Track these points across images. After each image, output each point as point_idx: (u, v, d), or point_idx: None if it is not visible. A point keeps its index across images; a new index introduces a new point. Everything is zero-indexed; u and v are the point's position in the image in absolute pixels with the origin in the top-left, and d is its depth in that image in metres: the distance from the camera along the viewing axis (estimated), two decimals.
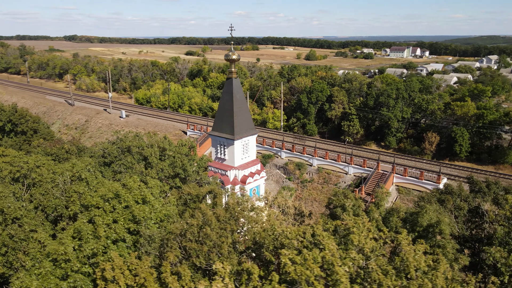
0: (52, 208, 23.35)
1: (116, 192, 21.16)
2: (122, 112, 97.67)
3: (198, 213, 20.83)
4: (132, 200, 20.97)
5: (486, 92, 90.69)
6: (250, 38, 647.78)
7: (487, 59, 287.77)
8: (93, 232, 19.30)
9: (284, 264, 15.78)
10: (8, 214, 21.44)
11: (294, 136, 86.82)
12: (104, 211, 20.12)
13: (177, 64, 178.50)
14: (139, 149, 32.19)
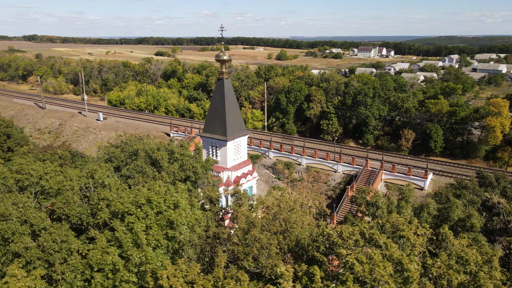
0: (76, 217, 22.17)
1: (148, 198, 20.49)
2: (100, 114, 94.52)
3: (241, 216, 20.60)
4: (164, 205, 20.39)
5: (457, 90, 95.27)
6: (220, 38, 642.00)
7: (449, 58, 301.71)
8: (133, 240, 18.57)
9: (352, 264, 15.94)
10: (35, 225, 20.17)
11: (282, 136, 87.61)
12: (137, 217, 19.42)
13: (150, 65, 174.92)
14: (148, 153, 31.31)
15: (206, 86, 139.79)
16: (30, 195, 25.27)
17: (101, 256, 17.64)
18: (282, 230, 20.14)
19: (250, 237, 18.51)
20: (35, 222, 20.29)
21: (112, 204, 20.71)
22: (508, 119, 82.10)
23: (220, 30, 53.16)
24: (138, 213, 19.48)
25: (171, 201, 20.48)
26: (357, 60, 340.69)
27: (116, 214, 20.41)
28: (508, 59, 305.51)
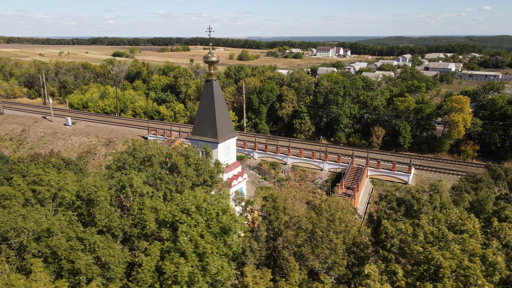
0: (119, 229, 20.83)
1: (198, 205, 19.77)
2: (68, 119, 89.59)
3: (303, 218, 20.50)
4: (214, 212, 19.79)
5: (422, 88, 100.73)
6: (178, 39, 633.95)
7: (402, 58, 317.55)
8: (194, 249, 17.79)
9: (437, 260, 16.39)
10: (86, 239, 18.68)
11: (267, 137, 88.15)
12: (188, 226, 18.69)
13: (112, 67, 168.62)
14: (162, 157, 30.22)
15: (174, 87, 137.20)
16: (50, 207, 23.61)
17: (176, 268, 16.81)
18: (342, 229, 20.49)
19: (318, 238, 18.63)
20: (85, 237, 18.94)
21: (160, 213, 19.82)
22: (470, 115, 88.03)
23: (208, 31, 52.60)
24: (189, 221, 18.82)
25: (219, 207, 20.03)
26: (317, 60, 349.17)
27: (164, 224, 19.58)
28: (455, 58, 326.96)
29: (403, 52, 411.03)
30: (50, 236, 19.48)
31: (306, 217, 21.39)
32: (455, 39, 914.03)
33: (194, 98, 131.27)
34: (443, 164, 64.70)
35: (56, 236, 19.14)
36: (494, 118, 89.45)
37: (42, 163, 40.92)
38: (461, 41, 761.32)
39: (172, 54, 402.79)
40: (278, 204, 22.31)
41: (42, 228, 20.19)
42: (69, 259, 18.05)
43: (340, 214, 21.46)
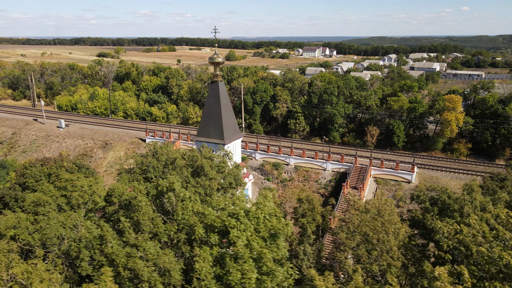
0: (165, 234, 20.25)
1: (246, 209, 19.45)
2: (61, 121, 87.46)
3: (355, 220, 20.45)
4: (262, 216, 19.50)
5: (414, 88, 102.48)
6: (163, 39, 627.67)
7: (388, 57, 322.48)
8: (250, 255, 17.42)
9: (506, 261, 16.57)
10: (140, 246, 18.05)
11: (269, 138, 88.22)
12: (238, 230, 18.36)
13: (101, 67, 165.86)
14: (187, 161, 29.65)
15: (166, 88, 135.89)
16: (82, 213, 22.95)
17: (242, 275, 16.43)
18: (392, 231, 20.62)
19: (375, 240, 18.64)
20: (138, 243, 18.37)
21: (208, 218, 19.41)
22: (462, 113, 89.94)
23: (214, 31, 52.24)
24: (239, 226, 18.51)
25: (267, 210, 19.78)
26: (304, 60, 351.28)
27: (212, 229, 19.19)
28: (438, 57, 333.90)
29: (388, 52, 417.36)
30: (103, 244, 18.97)
31: (358, 219, 21.50)
32: (436, 39, 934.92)
33: (186, 99, 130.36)
34: (444, 162, 66.04)
35: (109, 243, 18.64)
36: (484, 117, 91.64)
37: (55, 168, 39.90)
38: (442, 41, 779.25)
39: (158, 54, 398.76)
40: (314, 205, 22.31)
41: (94, 235, 19.62)
42: (127, 267, 17.55)
43: (389, 216, 21.61)
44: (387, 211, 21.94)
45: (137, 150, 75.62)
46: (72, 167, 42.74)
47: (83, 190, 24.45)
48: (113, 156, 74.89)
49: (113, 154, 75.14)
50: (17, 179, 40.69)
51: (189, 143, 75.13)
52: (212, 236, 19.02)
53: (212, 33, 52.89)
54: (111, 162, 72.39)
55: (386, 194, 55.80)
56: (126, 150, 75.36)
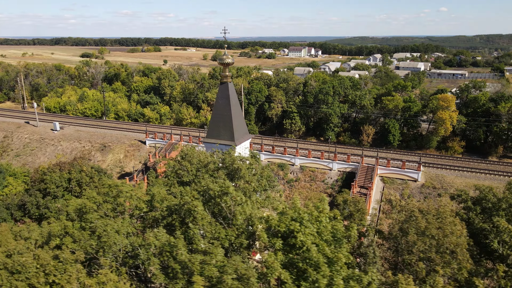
0: (227, 240, 19.70)
1: (310, 212, 19.13)
2: (56, 124, 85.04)
3: (422, 223, 20.36)
4: (324, 219, 19.27)
5: (408, 87, 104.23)
6: (147, 39, 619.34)
7: (373, 57, 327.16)
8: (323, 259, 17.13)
9: None
10: (211, 253, 17.41)
11: (274, 139, 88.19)
12: (303, 234, 18.08)
13: (88, 68, 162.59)
14: (224, 164, 29.05)
15: (158, 89, 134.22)
16: (127, 219, 22.14)
17: (331, 281, 16.14)
18: (449, 233, 20.76)
19: (444, 243, 18.65)
20: (209, 250, 17.78)
21: (272, 222, 19.04)
22: (456, 112, 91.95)
23: (223, 32, 51.78)
24: (303, 229, 18.25)
25: (327, 214, 19.58)
26: (290, 60, 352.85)
27: (274, 234, 18.85)
28: (422, 57, 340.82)
29: (372, 52, 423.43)
30: (173, 251, 18.34)
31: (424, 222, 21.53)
32: (416, 39, 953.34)
33: (179, 100, 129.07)
34: (447, 160, 67.28)
35: (180, 250, 18.04)
36: (477, 115, 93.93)
37: (75, 172, 38.70)
38: (422, 41, 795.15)
39: (143, 54, 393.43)
40: (360, 206, 22.34)
41: (163, 243, 18.97)
42: (203, 275, 17.01)
43: (450, 218, 21.78)
44: (447, 212, 22.14)
45: (137, 153, 74.39)
46: (91, 171, 41.50)
47: (127, 196, 23.71)
48: (112, 158, 73.40)
49: (112, 156, 73.67)
50: (37, 185, 39.16)
51: (191, 144, 74.27)
52: (277, 241, 18.76)
53: (222, 34, 52.38)
54: (111, 165, 70.95)
55: (394, 193, 56.59)
56: (125, 153, 74.01)
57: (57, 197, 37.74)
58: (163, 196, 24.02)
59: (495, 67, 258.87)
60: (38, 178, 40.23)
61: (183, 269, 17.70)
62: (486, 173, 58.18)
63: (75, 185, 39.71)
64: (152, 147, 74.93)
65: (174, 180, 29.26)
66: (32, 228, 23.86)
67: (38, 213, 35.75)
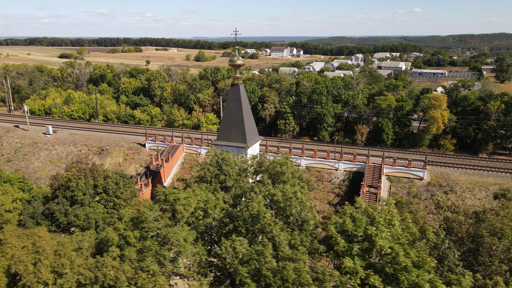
0: (303, 246, 19.24)
1: (384, 216, 19.01)
2: (49, 127, 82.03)
3: (497, 224, 20.46)
4: (396, 222, 19.25)
5: (399, 87, 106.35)
6: (126, 39, 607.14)
7: (355, 57, 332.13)
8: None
9: None
10: (300, 260, 16.96)
11: (279, 140, 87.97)
12: (381, 238, 18.02)
13: (73, 69, 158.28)
14: (261, 167, 28.61)
15: (148, 90, 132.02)
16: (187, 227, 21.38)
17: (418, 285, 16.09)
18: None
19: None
20: (299, 257, 17.40)
21: (348, 227, 18.79)
22: (447, 110, 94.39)
23: (234, 33, 51.46)
24: (380, 234, 18.14)
25: (398, 217, 19.58)
26: (273, 60, 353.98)
27: (351, 238, 18.70)
28: (401, 57, 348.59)
29: (352, 52, 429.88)
30: (260, 259, 17.83)
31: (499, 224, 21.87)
32: (392, 39, 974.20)
33: (170, 101, 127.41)
34: (449, 159, 68.87)
35: (267, 258, 17.55)
36: (466, 113, 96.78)
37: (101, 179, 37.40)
38: (398, 41, 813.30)
39: (124, 55, 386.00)
40: (413, 208, 22.56)
41: (250, 251, 18.40)
42: (296, 282, 16.64)
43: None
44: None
45: (137, 156, 72.81)
46: (116, 177, 40.18)
47: (184, 203, 22.89)
48: (111, 162, 71.56)
49: (111, 160, 71.83)
50: (61, 192, 37.44)
51: (193, 147, 73.41)
52: (354, 246, 18.67)
53: (233, 35, 52.03)
54: (110, 169, 69.06)
55: (401, 191, 57.65)
56: (125, 156, 72.28)
57: (83, 204, 36.40)
58: (215, 202, 23.58)
59: (472, 66, 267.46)
60: (61, 185, 38.56)
61: (275, 277, 17.36)
62: (489, 170, 59.99)
63: (101, 191, 38.41)
64: (152, 150, 73.52)
65: (217, 186, 28.75)
66: (79, 238, 22.93)
67: (67, 221, 34.30)
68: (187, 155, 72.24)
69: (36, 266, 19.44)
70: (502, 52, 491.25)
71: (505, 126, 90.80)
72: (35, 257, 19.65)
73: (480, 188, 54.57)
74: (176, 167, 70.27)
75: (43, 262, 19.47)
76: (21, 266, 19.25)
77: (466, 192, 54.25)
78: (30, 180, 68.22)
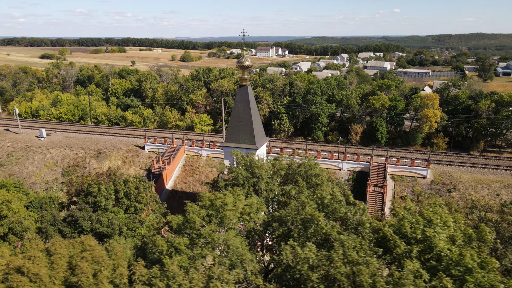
0: (361, 250, 19.05)
1: (440, 218, 19.10)
2: (42, 130, 79.49)
3: None
4: (451, 223, 19.41)
5: (392, 87, 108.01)
6: (108, 39, 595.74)
7: (340, 57, 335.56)
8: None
9: None
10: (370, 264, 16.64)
11: (282, 140, 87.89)
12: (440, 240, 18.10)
13: (59, 70, 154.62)
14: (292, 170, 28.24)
15: (139, 91, 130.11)
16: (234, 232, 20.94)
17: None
18: None
19: None
20: (369, 261, 17.22)
21: (407, 230, 18.74)
22: (439, 109, 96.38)
23: (242, 34, 51.17)
24: (438, 236, 18.17)
25: (451, 218, 19.76)
26: (259, 60, 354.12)
27: (409, 240, 18.65)
28: (385, 57, 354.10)
29: (336, 52, 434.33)
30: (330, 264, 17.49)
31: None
32: (373, 39, 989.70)
33: (162, 102, 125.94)
34: (448, 157, 70.27)
35: (337, 263, 17.28)
36: (457, 112, 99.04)
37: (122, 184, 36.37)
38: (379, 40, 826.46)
39: (108, 55, 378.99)
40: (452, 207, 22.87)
41: (320, 256, 17.98)
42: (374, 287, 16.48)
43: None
44: None
45: (136, 159, 71.50)
46: (136, 182, 39.11)
47: (231, 208, 22.37)
48: (109, 165, 69.99)
49: (109, 163, 70.29)
50: (82, 198, 36.18)
51: (194, 148, 72.58)
52: (413, 248, 18.71)
53: (241, 36, 51.75)
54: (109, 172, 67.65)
55: (405, 190, 58.54)
56: (123, 159, 70.87)
57: (107, 210, 35.41)
58: (257, 206, 23.30)
59: (455, 65, 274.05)
60: (81, 191, 37.27)
61: (348, 281, 17.21)
62: (489, 168, 61.56)
63: (123, 196, 37.32)
64: (151, 152, 72.33)
65: (251, 189, 28.44)
66: (121, 245, 22.21)
67: (90, 228, 33.22)
68: (188, 157, 71.43)
69: (97, 277, 18.69)
70: (479, 51, 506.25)
71: (495, 124, 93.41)
72: (95, 268, 18.91)
73: (483, 185, 55.96)
74: (177, 169, 69.38)
75: (103, 272, 18.75)
76: (83, 277, 18.38)
77: (469, 190, 55.59)
78: (25, 185, 66.16)
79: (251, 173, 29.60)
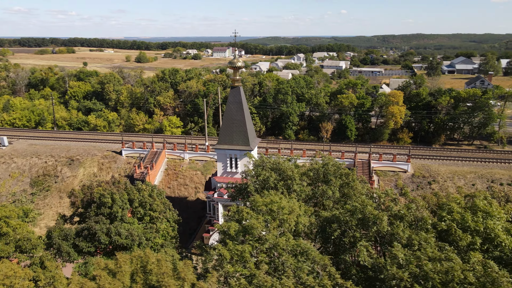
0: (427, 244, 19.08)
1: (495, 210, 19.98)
2: (3, 138, 72.71)
3: None
4: (502, 215, 20.39)
5: (358, 85, 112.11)
6: (53, 39, 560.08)
7: (297, 57, 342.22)
8: None
9: None
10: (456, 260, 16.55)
11: (268, 141, 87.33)
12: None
13: (8, 73, 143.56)
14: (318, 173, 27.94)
15: (101, 94, 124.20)
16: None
17: None
18: None
19: None
20: (452, 257, 17.26)
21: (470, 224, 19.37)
22: (404, 106, 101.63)
23: (234, 34, 50.61)
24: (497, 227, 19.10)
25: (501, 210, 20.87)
26: (217, 61, 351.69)
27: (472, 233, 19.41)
28: (339, 56, 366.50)
29: (291, 51, 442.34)
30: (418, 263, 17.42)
31: None
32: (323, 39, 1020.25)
33: (127, 105, 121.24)
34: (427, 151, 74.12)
35: (424, 261, 17.28)
36: (419, 108, 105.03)
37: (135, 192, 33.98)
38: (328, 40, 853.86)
39: (56, 56, 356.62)
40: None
41: (408, 256, 17.78)
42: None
43: None
44: None
45: (114, 165, 68.00)
46: (149, 189, 36.72)
47: (288, 212, 21.73)
48: (84, 173, 66.05)
49: (84, 171, 66.29)
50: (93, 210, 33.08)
51: (176, 152, 70.48)
52: (477, 240, 19.51)
53: (232, 36, 51.14)
54: (84, 180, 63.87)
55: (389, 184, 61.11)
56: (99, 166, 67.12)
57: (123, 221, 33.07)
58: (304, 207, 23.14)
59: (404, 64, 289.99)
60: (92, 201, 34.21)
61: (440, 278, 17.41)
62: (463, 160, 65.96)
63: (138, 205, 34.90)
64: (130, 158, 69.16)
65: (285, 191, 28.05)
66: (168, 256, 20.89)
67: (109, 241, 30.68)
68: (170, 161, 69.30)
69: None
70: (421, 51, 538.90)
71: (453, 119, 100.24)
72: (177, 284, 17.47)
73: (459, 177, 59.97)
74: (159, 174, 67.05)
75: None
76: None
77: (447, 181, 59.35)
78: None
79: (279, 175, 29.44)
